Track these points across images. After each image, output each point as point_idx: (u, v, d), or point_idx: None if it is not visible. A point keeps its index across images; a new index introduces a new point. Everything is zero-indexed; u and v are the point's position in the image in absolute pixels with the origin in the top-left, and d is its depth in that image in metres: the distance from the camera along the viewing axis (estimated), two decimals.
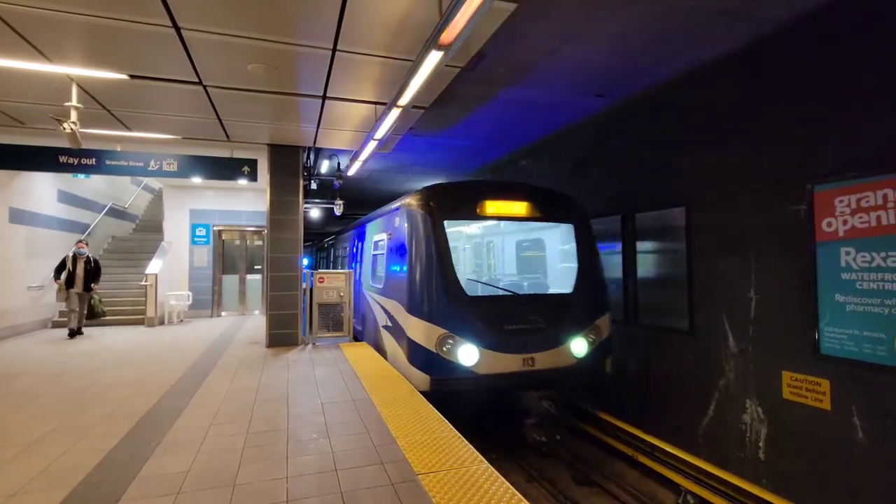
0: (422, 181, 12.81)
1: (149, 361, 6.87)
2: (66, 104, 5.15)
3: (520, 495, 2.91)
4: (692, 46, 5.37)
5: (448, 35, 3.28)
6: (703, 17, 4.72)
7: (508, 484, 3.05)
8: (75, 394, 5.15)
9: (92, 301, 9.39)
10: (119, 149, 7.45)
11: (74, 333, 9.08)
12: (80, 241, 9.63)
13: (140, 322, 10.77)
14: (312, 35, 4.13)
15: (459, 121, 8.24)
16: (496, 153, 10.66)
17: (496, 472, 3.23)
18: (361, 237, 9.55)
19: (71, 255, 9.12)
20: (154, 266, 10.98)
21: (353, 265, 10.01)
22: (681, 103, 6.34)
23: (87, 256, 9.25)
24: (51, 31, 4.02)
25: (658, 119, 6.75)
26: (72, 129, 5.08)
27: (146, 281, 10.54)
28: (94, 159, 7.10)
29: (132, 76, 4.96)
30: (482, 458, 3.46)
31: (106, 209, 13.03)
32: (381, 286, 7.16)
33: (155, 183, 15.80)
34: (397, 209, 6.64)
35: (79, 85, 5.20)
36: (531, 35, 5.15)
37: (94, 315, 9.45)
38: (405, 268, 5.95)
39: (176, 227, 12.46)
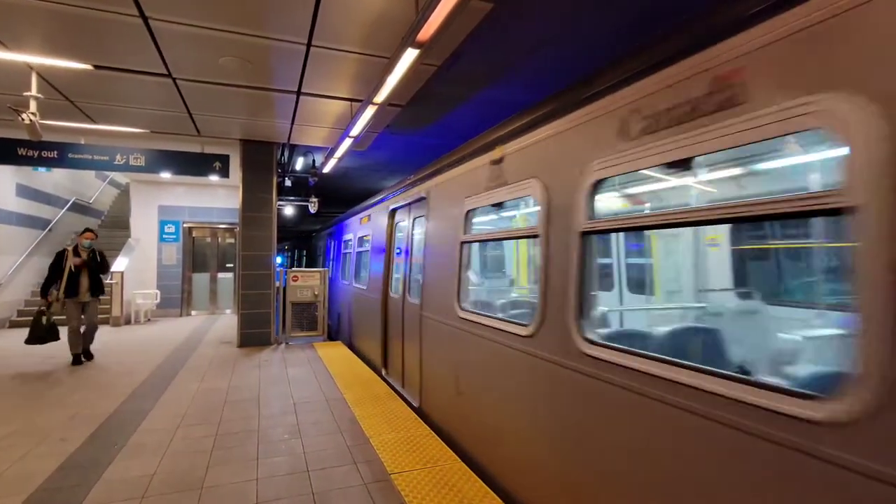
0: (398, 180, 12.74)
1: (114, 362, 6.64)
2: (25, 94, 4.93)
3: (493, 493, 2.93)
4: None
5: (424, 33, 3.27)
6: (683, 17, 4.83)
7: (482, 482, 3.07)
8: (35, 396, 4.94)
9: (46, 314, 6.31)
10: (83, 142, 7.18)
11: (80, 359, 6.51)
12: (86, 231, 6.73)
13: (105, 322, 10.38)
14: (286, 29, 4.05)
15: (437, 120, 8.23)
16: None
17: (470, 470, 3.25)
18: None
19: (72, 249, 6.52)
20: (120, 264, 10.62)
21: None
22: None
23: (94, 250, 6.73)
24: (8, 15, 3.84)
25: None
26: (31, 119, 4.86)
27: (111, 279, 10.18)
28: (55, 152, 6.82)
29: (97, 66, 4.78)
30: (456, 456, 3.47)
31: (69, 204, 12.53)
32: None
33: (122, 178, 15.27)
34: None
35: (39, 74, 4.99)
36: (509, 35, 5.18)
37: (39, 334, 6.27)
38: None
39: (144, 224, 12.07)
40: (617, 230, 2.51)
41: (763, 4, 1.55)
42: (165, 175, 8.20)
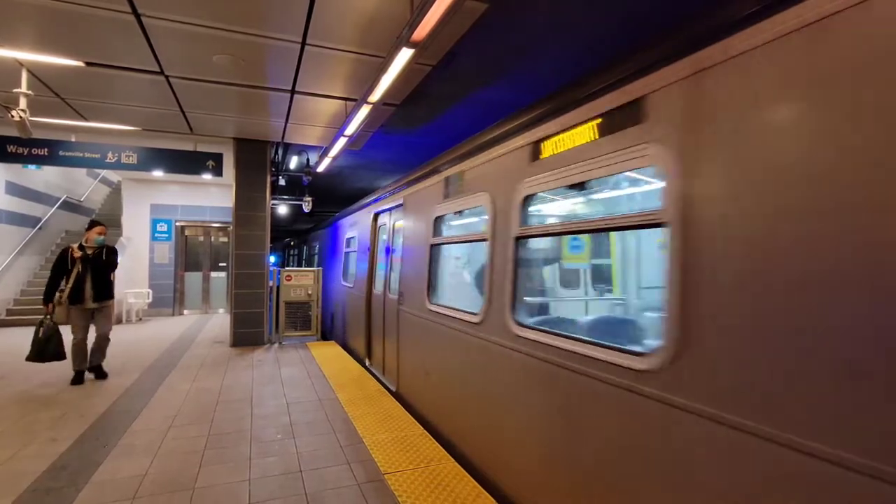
0: (394, 179, 12.71)
1: (104, 362, 6.57)
2: (15, 90, 4.86)
3: (486, 493, 2.94)
4: None
5: (419, 33, 3.27)
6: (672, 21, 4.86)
7: (476, 482, 3.07)
8: (23, 396, 4.89)
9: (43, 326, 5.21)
10: (74, 139, 7.10)
11: (81, 377, 5.46)
12: (97, 225, 5.56)
13: None
14: (281, 27, 4.03)
15: (431, 119, 8.22)
16: None
17: (463, 470, 3.25)
18: None
19: (76, 246, 5.42)
20: None
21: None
22: None
23: (105, 247, 5.61)
24: None
25: None
26: (21, 116, 4.80)
27: None
28: (45, 149, 6.75)
29: (88, 63, 4.73)
30: (450, 456, 3.47)
31: (59, 202, 12.40)
32: None
33: (113, 176, 15.14)
34: None
35: (29, 70, 4.93)
36: (503, 36, 5.18)
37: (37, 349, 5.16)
38: None
39: (135, 223, 11.97)
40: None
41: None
42: (158, 173, 8.15)
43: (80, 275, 5.32)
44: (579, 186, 2.52)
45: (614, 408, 2.07)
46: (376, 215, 6.68)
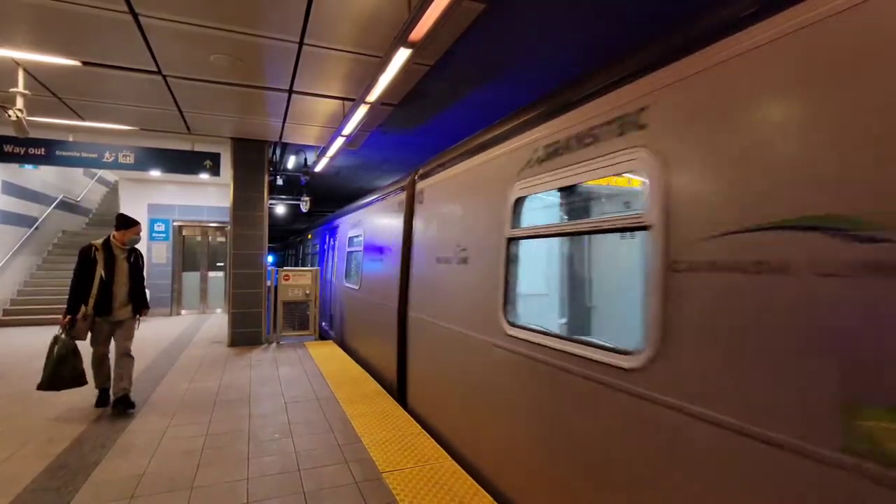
0: (392, 179, 12.72)
1: None
2: (12, 90, 4.86)
3: (484, 491, 2.95)
4: None
5: (417, 32, 3.28)
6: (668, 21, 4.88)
7: (473, 481, 3.08)
8: (20, 396, 4.87)
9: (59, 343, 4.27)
10: (71, 139, 7.09)
11: (107, 395, 4.61)
12: (133, 223, 4.75)
13: None
14: (278, 27, 4.04)
15: (429, 119, 8.23)
16: None
17: (461, 469, 3.26)
18: None
19: (100, 243, 4.55)
20: None
21: None
22: None
23: (134, 250, 4.83)
24: None
25: None
26: (18, 116, 4.79)
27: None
28: (42, 149, 6.73)
29: (85, 63, 4.73)
30: (447, 455, 3.48)
31: (56, 202, 12.37)
32: None
33: (110, 175, 15.11)
34: None
35: (26, 70, 4.92)
36: (501, 36, 5.20)
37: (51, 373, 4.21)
38: None
39: None
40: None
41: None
42: (155, 173, 8.13)
43: (107, 280, 4.46)
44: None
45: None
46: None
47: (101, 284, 4.42)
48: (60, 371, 4.21)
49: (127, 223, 4.70)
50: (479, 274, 3.33)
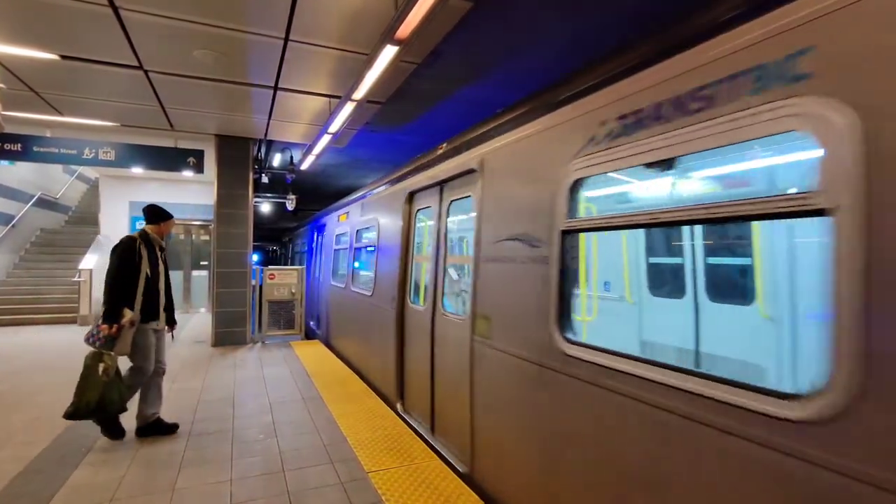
0: (378, 177, 12.66)
1: (81, 362, 6.42)
2: None
3: (470, 490, 2.95)
4: None
5: (403, 30, 3.26)
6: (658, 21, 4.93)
7: (460, 480, 3.08)
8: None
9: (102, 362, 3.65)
10: (49, 134, 6.93)
11: (153, 426, 3.84)
12: (168, 216, 4.31)
13: (72, 321, 10.05)
14: (263, 22, 3.98)
15: (417, 117, 8.20)
16: None
17: (447, 468, 3.25)
18: None
19: (139, 236, 3.92)
20: (88, 261, 10.27)
21: None
22: None
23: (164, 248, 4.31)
24: None
25: None
26: None
27: (80, 277, 9.85)
28: (18, 145, 6.57)
29: (63, 56, 4.61)
30: (434, 454, 3.47)
31: (33, 199, 12.08)
32: None
33: (91, 172, 14.79)
34: None
35: (1, 63, 4.79)
36: (488, 34, 5.19)
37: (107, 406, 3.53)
38: None
39: (114, 220, 11.71)
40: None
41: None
42: (137, 170, 7.98)
43: (152, 280, 3.81)
44: None
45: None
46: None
47: (147, 286, 3.74)
48: (110, 397, 3.49)
49: (161, 215, 4.12)
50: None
